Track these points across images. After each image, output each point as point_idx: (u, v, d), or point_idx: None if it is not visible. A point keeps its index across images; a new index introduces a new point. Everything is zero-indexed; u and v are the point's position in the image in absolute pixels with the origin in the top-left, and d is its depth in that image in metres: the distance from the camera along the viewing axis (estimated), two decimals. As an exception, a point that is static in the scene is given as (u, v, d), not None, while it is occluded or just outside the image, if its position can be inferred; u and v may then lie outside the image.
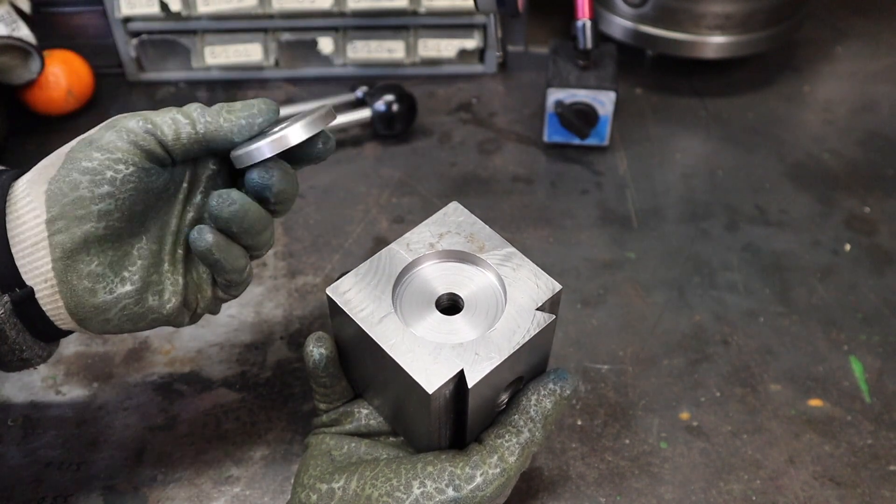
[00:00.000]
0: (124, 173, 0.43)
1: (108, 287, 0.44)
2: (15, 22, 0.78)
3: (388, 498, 0.43)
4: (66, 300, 0.44)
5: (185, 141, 0.44)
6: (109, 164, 0.42)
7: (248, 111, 0.45)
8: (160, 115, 0.44)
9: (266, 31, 0.86)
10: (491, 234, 0.48)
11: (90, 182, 0.42)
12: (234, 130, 0.45)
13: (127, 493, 0.54)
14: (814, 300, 0.66)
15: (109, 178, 0.42)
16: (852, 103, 0.87)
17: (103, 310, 0.44)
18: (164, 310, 0.46)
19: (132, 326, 0.46)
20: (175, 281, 0.47)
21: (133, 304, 0.45)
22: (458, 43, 0.87)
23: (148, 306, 0.46)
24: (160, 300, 0.46)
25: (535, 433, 0.45)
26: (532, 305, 0.44)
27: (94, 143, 0.43)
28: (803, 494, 0.54)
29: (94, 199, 0.42)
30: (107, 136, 0.43)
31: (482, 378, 0.41)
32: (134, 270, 0.45)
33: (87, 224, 0.42)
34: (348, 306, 0.44)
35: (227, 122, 0.45)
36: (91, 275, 0.43)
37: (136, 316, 0.45)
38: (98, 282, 0.44)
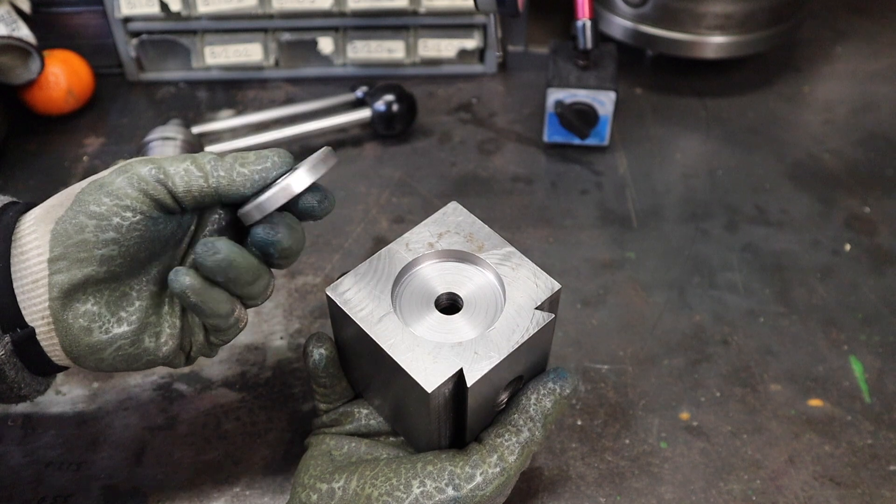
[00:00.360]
0: (131, 221, 0.42)
1: (103, 327, 0.43)
2: (15, 22, 0.78)
3: (388, 497, 0.43)
4: (61, 338, 0.43)
5: (196, 194, 0.43)
6: (117, 210, 0.42)
7: (262, 164, 0.44)
8: (174, 165, 0.43)
9: (266, 31, 0.86)
10: (490, 234, 0.48)
11: (96, 227, 0.42)
12: (246, 185, 0.43)
13: (127, 493, 0.54)
14: (814, 300, 0.66)
15: (116, 225, 0.42)
16: (852, 103, 0.87)
17: (98, 349, 0.44)
18: (161, 352, 0.45)
19: (126, 366, 0.45)
20: (173, 324, 0.46)
21: (128, 346, 0.44)
22: (458, 43, 0.87)
23: (144, 348, 0.45)
24: (156, 342, 0.45)
25: (534, 432, 0.45)
26: (531, 305, 0.44)
27: (105, 188, 0.42)
28: (803, 494, 0.54)
29: (98, 243, 0.42)
30: (118, 182, 0.42)
31: (481, 377, 0.41)
32: (132, 311, 0.44)
33: (88, 267, 0.42)
34: (347, 306, 0.44)
35: (240, 176, 0.43)
36: (87, 314, 0.43)
37: (130, 357, 0.45)
38: (94, 321, 0.43)
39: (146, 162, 0.43)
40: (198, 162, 0.43)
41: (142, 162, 0.43)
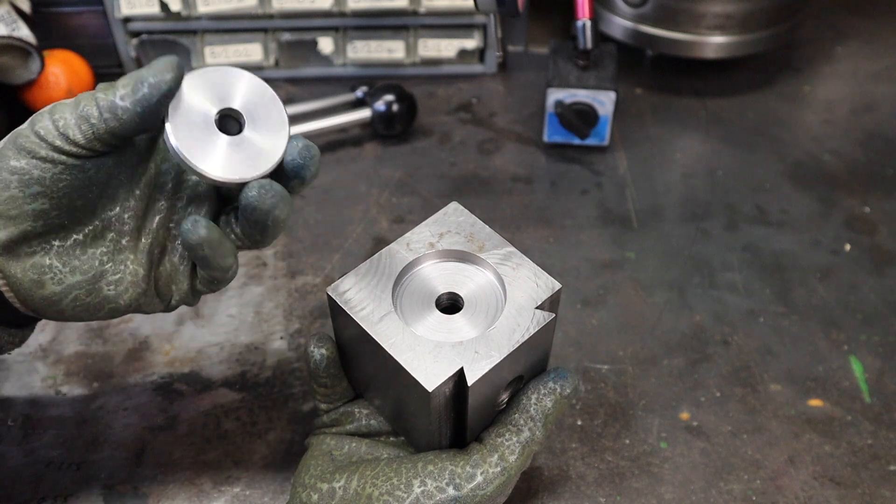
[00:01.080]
0: (53, 172, 0.40)
1: (55, 278, 0.42)
2: (15, 22, 0.78)
3: (388, 497, 0.43)
4: (15, 292, 0.42)
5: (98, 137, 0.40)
6: (36, 163, 0.40)
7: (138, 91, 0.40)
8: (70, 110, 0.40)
9: (266, 31, 0.86)
10: (490, 234, 0.48)
11: (19, 182, 0.40)
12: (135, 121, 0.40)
13: (127, 493, 0.54)
14: (814, 300, 0.66)
15: (38, 178, 0.40)
16: (852, 103, 0.87)
17: (54, 301, 0.42)
18: (122, 300, 0.44)
19: (90, 316, 0.44)
20: (135, 271, 0.44)
21: (85, 295, 0.43)
22: (458, 43, 0.87)
23: (103, 296, 0.43)
24: (116, 290, 0.44)
25: (535, 432, 0.45)
26: (531, 304, 0.44)
27: (19, 142, 0.40)
28: (803, 494, 0.54)
29: (26, 199, 0.40)
30: (30, 137, 0.40)
31: (482, 376, 0.41)
32: (84, 259, 0.42)
33: (23, 223, 0.40)
34: (348, 306, 0.44)
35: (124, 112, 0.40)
36: (36, 266, 0.41)
37: (91, 307, 0.43)
38: (44, 273, 0.42)
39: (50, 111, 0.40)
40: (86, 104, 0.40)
41: (47, 111, 0.41)
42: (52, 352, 0.62)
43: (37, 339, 0.63)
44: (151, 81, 0.40)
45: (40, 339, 0.63)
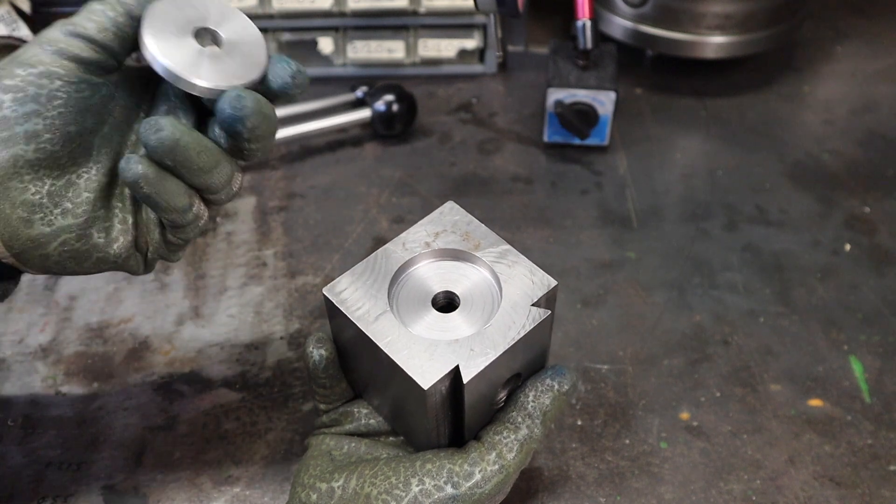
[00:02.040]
0: (49, 88, 0.39)
1: (45, 218, 0.41)
2: (15, 22, 0.78)
3: (386, 496, 0.43)
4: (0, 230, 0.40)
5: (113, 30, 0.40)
6: (32, 79, 0.39)
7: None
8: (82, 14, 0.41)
9: (266, 31, 0.86)
10: (486, 233, 0.48)
11: (13, 100, 0.39)
12: None
13: (127, 493, 0.54)
14: (814, 300, 0.66)
15: (33, 95, 0.39)
16: (852, 103, 0.87)
17: (41, 243, 0.41)
18: (112, 249, 0.43)
19: (76, 266, 0.43)
20: (124, 219, 0.43)
21: (74, 240, 0.41)
22: (458, 43, 0.87)
23: (92, 243, 0.42)
24: (106, 238, 0.42)
25: (533, 430, 0.45)
26: (527, 301, 0.44)
27: (17, 59, 0.40)
28: (803, 494, 0.54)
29: (19, 118, 0.39)
30: (31, 51, 0.40)
31: (477, 373, 0.42)
32: (78, 203, 0.41)
33: (14, 146, 0.39)
34: (344, 305, 0.44)
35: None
36: (26, 203, 0.40)
37: (78, 254, 0.42)
38: (35, 212, 0.40)
39: (59, 24, 0.41)
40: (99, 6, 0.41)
41: (54, 25, 0.41)
42: (52, 352, 0.62)
43: (37, 339, 0.63)
44: None
45: (40, 339, 0.63)
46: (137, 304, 0.66)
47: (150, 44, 0.41)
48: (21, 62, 0.40)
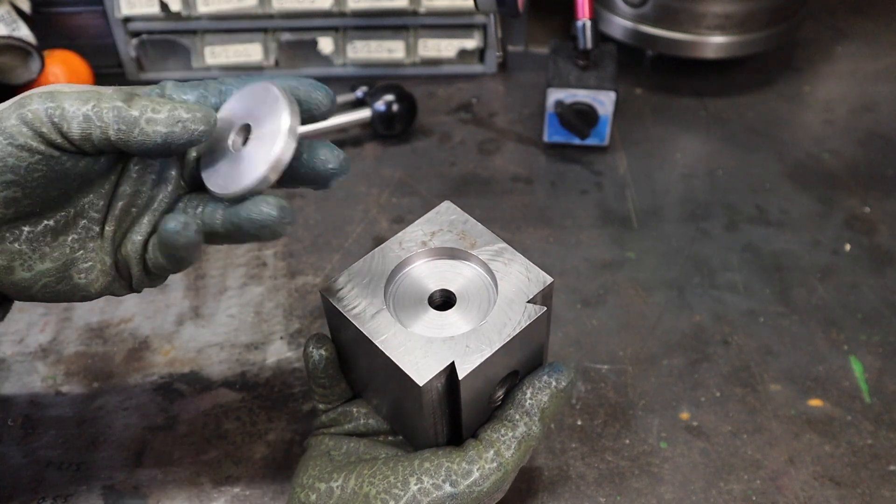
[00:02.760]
0: (28, 161, 0.38)
1: (25, 264, 0.41)
2: (15, 22, 0.78)
3: (385, 495, 0.43)
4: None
5: (95, 143, 0.39)
6: (12, 150, 0.38)
7: (170, 128, 0.39)
8: (75, 104, 0.39)
9: (266, 31, 0.86)
10: (482, 231, 0.48)
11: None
12: (145, 145, 0.39)
13: (127, 493, 0.54)
14: (814, 300, 0.66)
15: (12, 166, 0.38)
16: (852, 103, 0.87)
17: (23, 287, 0.42)
18: (93, 288, 0.43)
19: (61, 301, 0.43)
20: (102, 260, 0.43)
21: (55, 283, 0.42)
22: (458, 43, 0.87)
23: (73, 284, 0.43)
24: (87, 278, 0.43)
25: (531, 427, 0.45)
26: (523, 298, 0.44)
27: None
28: (803, 494, 0.54)
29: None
30: (11, 119, 0.38)
31: (473, 370, 0.42)
32: (54, 246, 0.41)
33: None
34: (341, 304, 0.45)
35: (142, 135, 0.39)
36: (5, 252, 0.40)
37: (61, 294, 0.43)
38: (14, 259, 0.41)
39: (46, 97, 0.39)
40: (100, 108, 0.39)
41: (41, 96, 0.39)
42: (52, 352, 0.62)
43: (37, 339, 0.63)
44: (188, 127, 0.39)
45: (40, 339, 0.63)
46: (137, 304, 0.66)
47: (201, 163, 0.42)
48: (2, 130, 0.38)
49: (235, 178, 0.40)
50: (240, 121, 0.42)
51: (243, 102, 0.42)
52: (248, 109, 0.41)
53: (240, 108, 0.42)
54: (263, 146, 0.40)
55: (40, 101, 0.39)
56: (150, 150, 0.40)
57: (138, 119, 0.39)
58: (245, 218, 0.40)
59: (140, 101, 0.39)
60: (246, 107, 0.42)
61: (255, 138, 0.41)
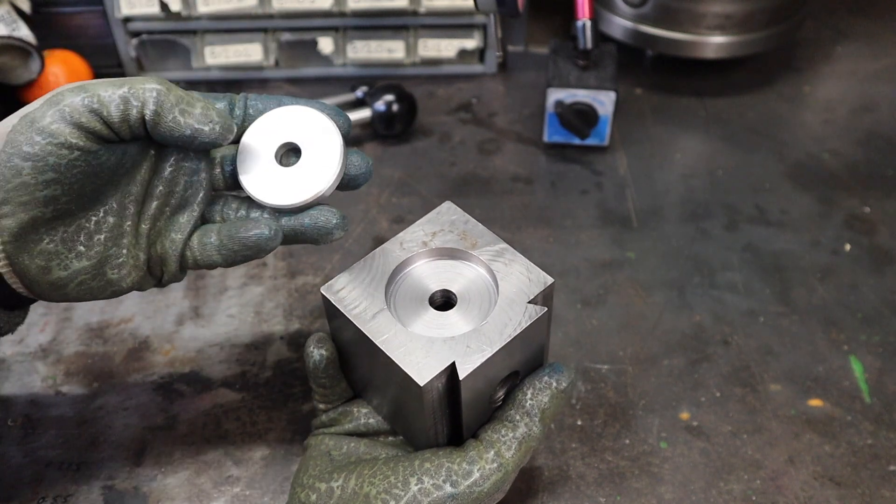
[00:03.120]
0: (69, 158, 0.40)
1: (62, 263, 0.42)
2: (15, 22, 0.78)
3: (385, 495, 0.43)
4: (21, 278, 0.42)
5: (132, 125, 0.41)
6: (52, 149, 0.40)
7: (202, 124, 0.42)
8: (109, 90, 0.41)
9: (266, 31, 0.86)
10: (483, 231, 0.48)
11: (32, 168, 0.40)
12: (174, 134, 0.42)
13: (127, 493, 0.54)
14: (814, 300, 0.66)
15: (53, 165, 0.40)
16: (852, 103, 0.87)
17: (59, 286, 0.43)
18: (125, 283, 0.45)
19: (92, 297, 0.45)
20: (136, 255, 0.45)
21: (90, 279, 0.43)
22: (458, 43, 0.87)
23: (107, 280, 0.44)
24: (119, 274, 0.44)
25: (531, 427, 0.45)
26: (524, 299, 0.44)
27: (36, 125, 0.40)
28: (803, 494, 0.54)
29: (39, 185, 0.40)
30: (48, 116, 0.40)
31: (473, 370, 0.42)
32: (90, 245, 0.43)
33: (34, 210, 0.40)
34: (342, 304, 0.45)
35: (175, 123, 0.41)
36: (43, 253, 0.42)
37: (95, 290, 0.44)
38: (51, 259, 0.42)
39: (78, 90, 0.40)
40: (136, 89, 0.41)
41: (73, 90, 0.41)
42: (52, 352, 0.62)
43: (37, 339, 0.63)
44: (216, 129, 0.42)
45: (40, 339, 0.63)
46: (137, 304, 0.66)
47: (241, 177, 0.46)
48: (41, 129, 0.40)
49: (293, 191, 0.45)
50: (281, 139, 0.46)
51: (281, 124, 0.46)
52: (289, 129, 0.46)
53: (277, 128, 0.46)
54: (320, 163, 0.45)
55: (74, 94, 0.40)
56: (174, 140, 0.42)
57: (174, 106, 0.41)
58: (310, 225, 0.45)
59: (176, 90, 0.42)
60: (284, 127, 0.46)
61: (309, 156, 0.45)
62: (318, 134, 0.46)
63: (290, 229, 0.45)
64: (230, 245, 0.45)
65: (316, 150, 0.45)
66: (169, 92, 0.41)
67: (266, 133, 0.46)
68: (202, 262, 0.46)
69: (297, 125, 0.46)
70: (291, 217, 0.46)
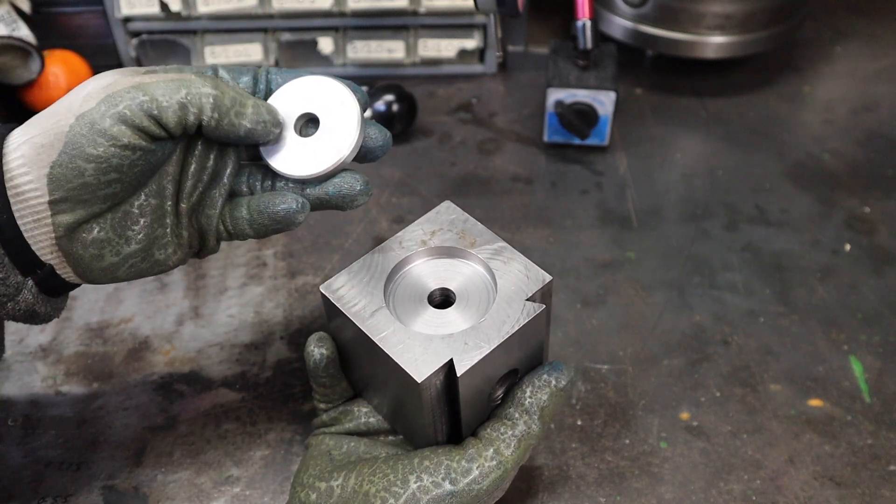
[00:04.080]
0: (131, 159, 0.41)
1: (113, 249, 0.44)
2: (15, 22, 0.78)
3: (385, 493, 0.43)
4: (74, 268, 0.44)
5: (189, 128, 0.43)
6: (115, 150, 0.41)
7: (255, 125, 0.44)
8: (167, 94, 0.41)
9: (266, 31, 0.86)
10: (482, 230, 0.48)
11: (95, 170, 0.41)
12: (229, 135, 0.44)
13: (127, 493, 0.54)
14: (814, 300, 0.66)
15: (116, 166, 0.41)
16: (852, 103, 0.87)
17: (111, 271, 0.45)
18: (171, 262, 0.47)
19: (139, 276, 0.46)
20: (179, 234, 0.46)
21: (140, 262, 0.45)
22: (458, 43, 0.87)
23: (154, 260, 0.46)
24: (166, 253, 0.46)
25: (531, 425, 0.45)
26: (522, 296, 0.45)
27: (97, 126, 0.40)
28: (803, 494, 0.54)
29: (101, 185, 0.41)
30: (108, 118, 0.41)
31: (471, 367, 0.42)
32: (137, 229, 0.44)
33: (93, 206, 0.42)
34: (341, 302, 0.45)
35: (230, 125, 0.43)
36: (95, 242, 0.43)
37: (143, 270, 0.46)
38: (103, 247, 0.43)
39: (136, 90, 0.41)
40: (193, 95, 0.42)
41: (132, 91, 0.41)
42: (52, 352, 0.62)
43: (37, 339, 0.63)
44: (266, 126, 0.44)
45: (40, 339, 0.63)
46: (137, 304, 0.66)
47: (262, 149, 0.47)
48: (103, 132, 0.40)
49: (314, 160, 0.46)
50: (300, 111, 0.46)
51: (297, 95, 0.47)
52: (307, 101, 0.46)
53: (295, 99, 0.47)
54: (338, 131, 0.46)
55: (132, 97, 0.41)
56: (231, 139, 0.44)
57: (229, 110, 0.43)
58: (334, 193, 0.46)
59: (228, 91, 0.43)
60: (302, 98, 0.46)
61: (327, 125, 0.46)
62: (336, 104, 0.46)
63: (315, 198, 0.46)
64: (260, 220, 0.46)
65: (334, 119, 0.46)
66: (223, 96, 0.43)
67: (285, 105, 0.47)
68: (235, 234, 0.47)
69: (314, 96, 0.46)
70: (316, 186, 0.46)
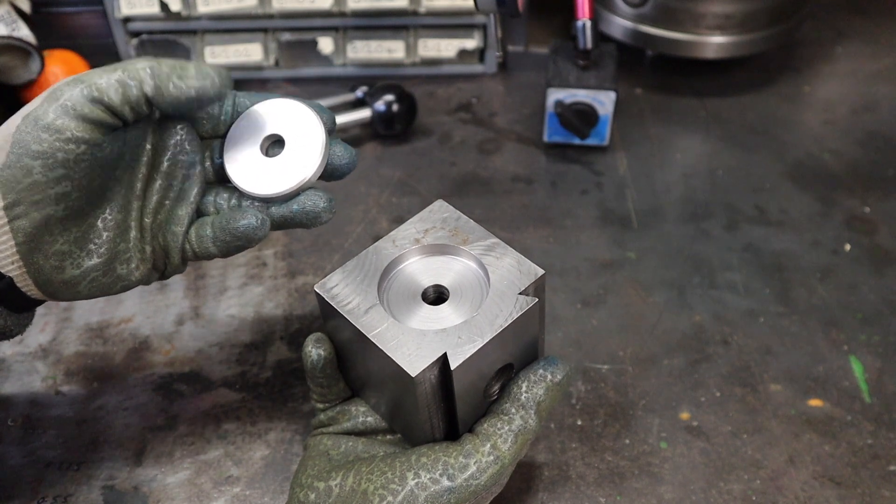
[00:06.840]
0: (77, 153, 0.41)
1: (74, 262, 0.44)
2: (15, 22, 0.78)
3: (383, 490, 0.43)
4: (34, 279, 0.44)
5: (134, 104, 0.42)
6: (60, 145, 0.41)
7: (201, 82, 0.43)
8: (104, 77, 0.42)
9: (266, 31, 0.86)
10: (475, 228, 0.49)
11: (42, 166, 0.41)
12: (180, 99, 0.43)
13: (127, 493, 0.54)
14: (814, 300, 0.66)
15: (62, 161, 0.41)
16: (852, 103, 0.87)
17: (72, 284, 0.44)
18: (133, 277, 0.46)
19: (102, 293, 0.46)
20: (142, 249, 0.46)
21: (101, 276, 0.45)
22: (458, 43, 0.87)
23: (117, 275, 0.46)
24: (128, 268, 0.46)
25: (527, 420, 0.45)
26: (514, 290, 0.45)
27: (40, 122, 0.41)
28: (803, 494, 0.54)
29: (50, 182, 0.41)
30: (51, 113, 0.41)
31: (465, 360, 0.42)
32: (100, 243, 0.45)
33: (46, 208, 0.42)
34: (335, 300, 0.45)
35: (176, 89, 0.43)
36: (57, 253, 0.43)
37: (105, 286, 0.46)
38: (64, 259, 0.44)
39: (75, 82, 0.42)
40: (130, 70, 0.42)
41: (71, 83, 0.42)
42: (52, 352, 0.62)
43: (37, 339, 0.63)
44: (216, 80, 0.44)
45: (40, 339, 0.63)
46: (137, 304, 0.66)
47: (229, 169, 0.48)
48: (46, 126, 0.41)
49: (279, 180, 0.47)
50: (266, 132, 0.48)
51: (266, 117, 0.48)
52: (274, 122, 0.48)
53: (262, 122, 0.48)
54: (303, 152, 0.47)
55: (72, 87, 0.42)
56: (181, 105, 0.44)
57: (170, 74, 0.43)
58: (298, 211, 0.47)
59: (166, 61, 0.43)
60: (269, 120, 0.48)
61: (293, 146, 0.47)
62: (301, 125, 0.48)
63: (279, 216, 0.47)
64: (223, 236, 0.46)
65: (299, 141, 0.47)
66: (160, 65, 0.43)
67: (251, 126, 0.48)
68: (201, 253, 0.47)
69: (280, 118, 0.48)
70: (281, 205, 0.47)
